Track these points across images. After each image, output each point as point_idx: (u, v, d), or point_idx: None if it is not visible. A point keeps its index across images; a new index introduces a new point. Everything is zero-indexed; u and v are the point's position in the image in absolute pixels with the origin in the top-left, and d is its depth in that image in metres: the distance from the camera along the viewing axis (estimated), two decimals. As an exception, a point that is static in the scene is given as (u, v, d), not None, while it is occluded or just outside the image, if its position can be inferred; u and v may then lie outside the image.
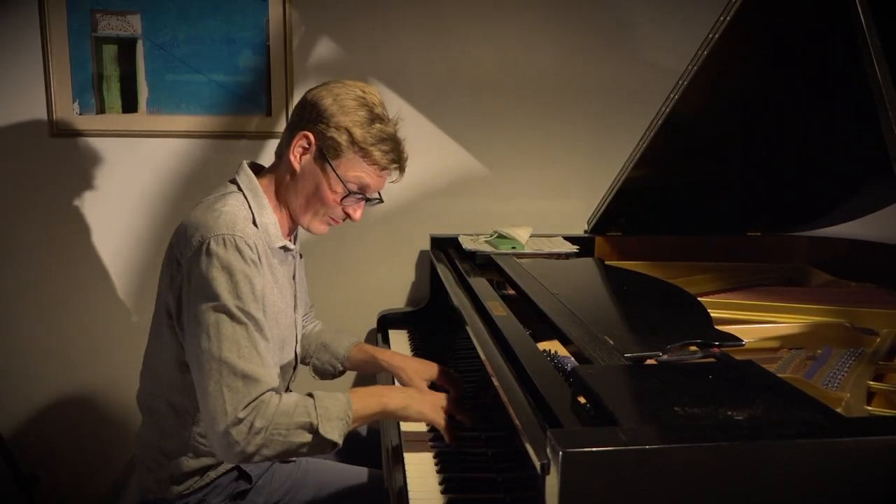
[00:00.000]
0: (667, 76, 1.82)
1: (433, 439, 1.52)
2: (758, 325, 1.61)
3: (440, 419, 1.42)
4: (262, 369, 1.29)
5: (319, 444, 1.31)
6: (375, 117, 1.44)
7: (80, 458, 2.46)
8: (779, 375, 1.14)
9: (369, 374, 1.79)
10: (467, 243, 2.16)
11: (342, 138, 1.42)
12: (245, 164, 1.52)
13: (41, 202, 2.33)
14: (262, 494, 1.50)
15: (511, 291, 1.80)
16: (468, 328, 1.52)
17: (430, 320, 2.27)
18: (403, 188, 2.39)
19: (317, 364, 1.78)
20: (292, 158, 1.45)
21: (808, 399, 1.02)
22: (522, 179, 2.47)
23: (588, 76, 2.42)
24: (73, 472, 2.46)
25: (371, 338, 2.48)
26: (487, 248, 2.10)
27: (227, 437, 1.25)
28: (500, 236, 2.16)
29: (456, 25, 2.36)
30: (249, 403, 1.26)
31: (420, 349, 2.07)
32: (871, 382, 1.31)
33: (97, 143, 2.32)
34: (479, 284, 1.80)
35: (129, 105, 2.31)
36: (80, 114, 2.29)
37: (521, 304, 1.61)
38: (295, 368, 1.65)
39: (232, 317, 1.29)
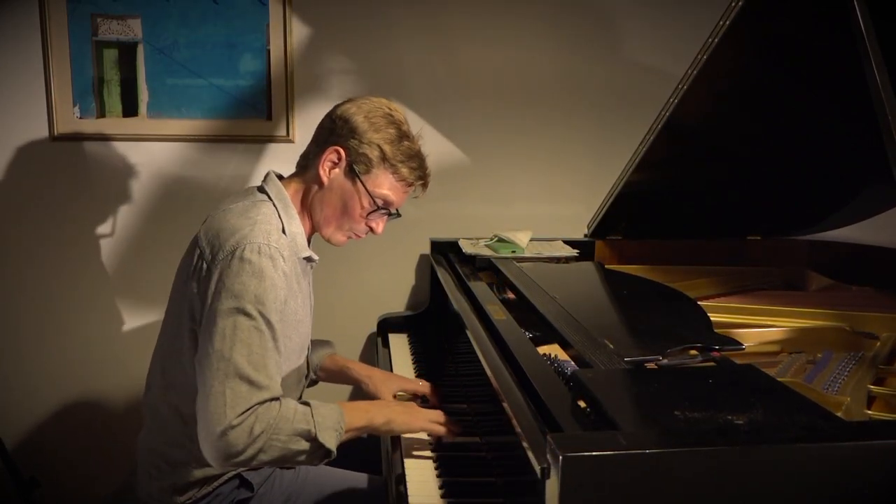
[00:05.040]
0: (667, 80, 1.82)
1: (433, 443, 1.52)
2: (758, 328, 1.61)
3: (430, 425, 1.46)
4: (268, 379, 1.29)
5: (315, 453, 1.32)
6: (403, 135, 1.48)
7: (80, 464, 2.46)
8: (779, 379, 1.14)
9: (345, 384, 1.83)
10: (467, 247, 2.16)
11: (374, 154, 1.45)
12: (272, 173, 1.54)
13: (41, 206, 2.33)
14: (264, 502, 1.50)
15: (511, 295, 1.80)
16: (468, 332, 1.52)
17: (430, 324, 2.27)
18: (403, 192, 2.39)
19: None
20: (322, 172, 1.47)
21: (808, 403, 1.02)
22: (522, 183, 2.47)
23: (588, 79, 2.42)
24: (72, 478, 2.46)
25: (371, 342, 2.48)
26: (487, 252, 2.10)
27: (223, 440, 1.24)
28: (500, 240, 2.16)
29: (456, 29, 2.37)
30: (247, 409, 1.25)
31: (420, 353, 2.07)
32: (872, 386, 1.31)
33: (97, 146, 2.32)
34: (480, 288, 1.80)
35: (130, 109, 2.31)
36: (81, 118, 2.29)
37: (522, 308, 1.61)
38: (307, 377, 1.66)
39: (251, 319, 1.29)
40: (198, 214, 1.54)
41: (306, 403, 1.34)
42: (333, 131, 1.48)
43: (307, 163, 1.52)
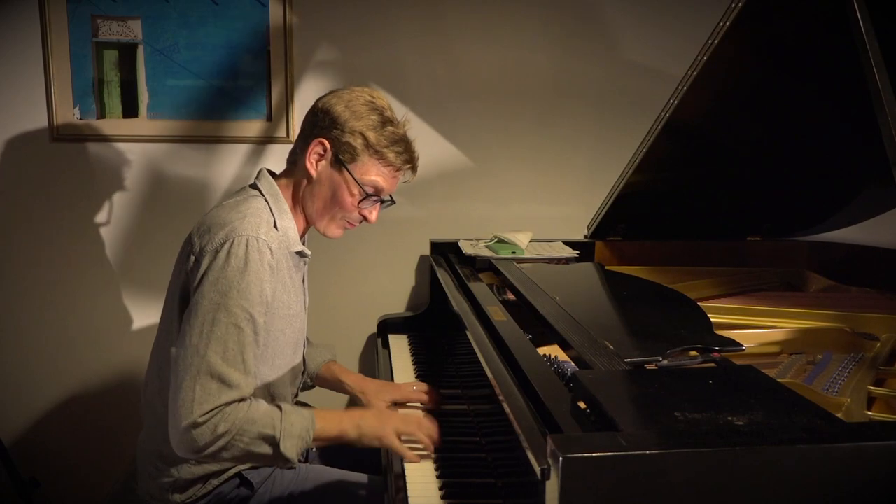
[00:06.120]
0: (667, 81, 1.82)
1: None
2: (758, 330, 1.61)
3: (395, 443, 1.43)
4: (241, 376, 1.31)
5: (276, 459, 1.33)
6: (386, 120, 1.49)
7: (80, 464, 2.46)
8: (779, 381, 1.14)
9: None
10: (467, 248, 2.16)
11: (357, 142, 1.46)
12: (265, 170, 1.55)
13: (42, 207, 2.33)
14: (264, 501, 1.50)
15: (511, 296, 1.80)
16: (468, 333, 1.52)
17: (430, 325, 2.27)
18: (403, 193, 2.40)
19: None
20: (308, 165, 1.49)
21: (808, 404, 1.01)
22: (522, 184, 2.47)
23: (588, 80, 2.42)
24: (72, 478, 2.46)
25: (371, 343, 2.48)
26: (487, 253, 2.10)
27: (187, 435, 1.27)
28: (500, 241, 2.16)
29: (456, 30, 2.37)
30: (214, 408, 1.27)
31: (420, 354, 2.07)
32: (872, 387, 1.31)
33: (98, 147, 2.32)
34: (480, 289, 1.80)
35: (130, 110, 2.31)
36: (81, 119, 2.29)
37: (522, 309, 1.61)
38: (303, 374, 1.66)
39: (231, 315, 1.30)
40: (197, 216, 1.54)
41: (279, 407, 1.35)
42: (316, 124, 1.50)
43: (295, 158, 1.54)
